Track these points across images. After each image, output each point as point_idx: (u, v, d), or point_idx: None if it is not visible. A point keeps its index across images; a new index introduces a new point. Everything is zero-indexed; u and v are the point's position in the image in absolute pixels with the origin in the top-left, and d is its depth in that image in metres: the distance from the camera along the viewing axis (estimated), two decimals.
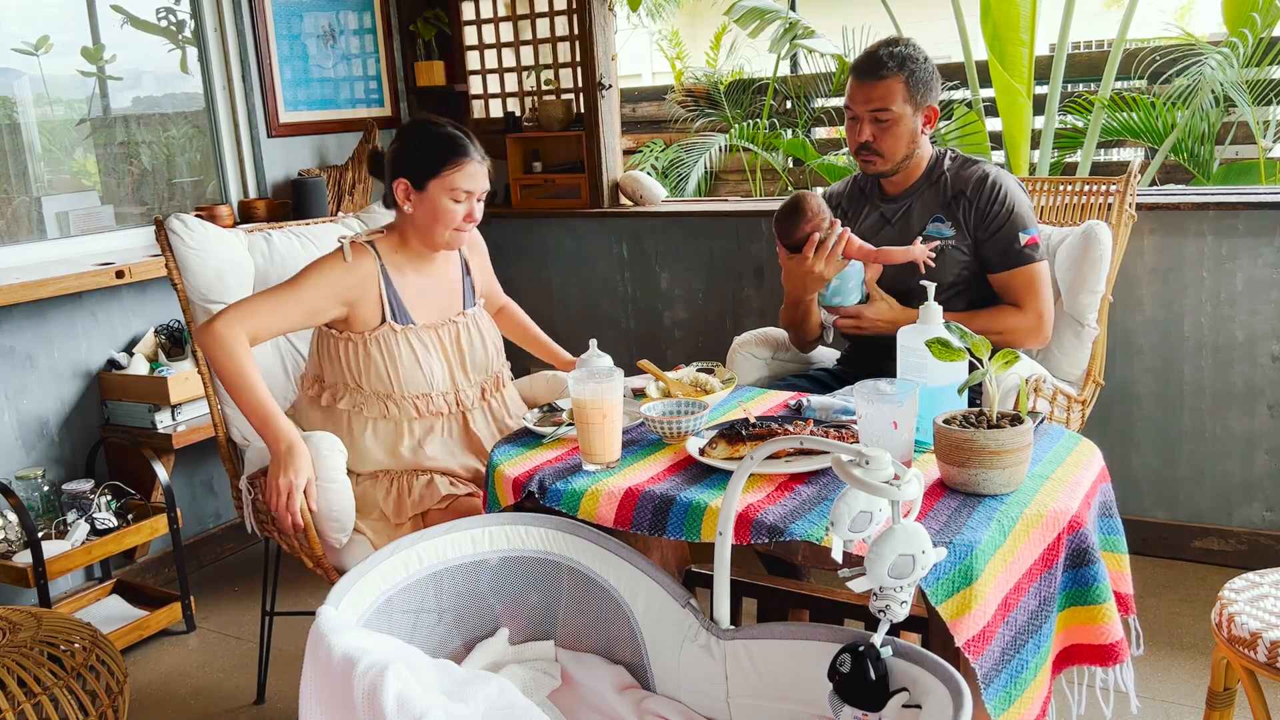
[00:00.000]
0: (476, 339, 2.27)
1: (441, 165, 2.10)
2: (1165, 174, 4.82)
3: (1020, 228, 2.32)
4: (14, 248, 2.95)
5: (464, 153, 2.12)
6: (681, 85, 6.52)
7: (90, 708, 1.89)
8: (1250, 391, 2.80)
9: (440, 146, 2.12)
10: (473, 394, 2.24)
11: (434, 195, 2.11)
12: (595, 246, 3.71)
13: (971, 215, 2.34)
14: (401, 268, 2.19)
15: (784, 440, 1.41)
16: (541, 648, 1.63)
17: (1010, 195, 2.33)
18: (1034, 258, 2.33)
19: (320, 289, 2.09)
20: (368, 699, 1.18)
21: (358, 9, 3.71)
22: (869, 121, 2.33)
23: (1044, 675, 1.48)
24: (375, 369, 2.14)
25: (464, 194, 2.12)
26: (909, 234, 2.39)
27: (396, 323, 2.16)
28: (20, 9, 3.06)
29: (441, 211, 2.12)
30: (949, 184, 2.38)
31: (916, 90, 2.31)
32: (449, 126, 2.17)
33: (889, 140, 2.33)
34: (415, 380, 2.16)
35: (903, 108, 2.31)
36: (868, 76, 2.31)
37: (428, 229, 2.15)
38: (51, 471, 2.86)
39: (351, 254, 2.13)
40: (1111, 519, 1.69)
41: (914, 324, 1.78)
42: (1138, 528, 2.92)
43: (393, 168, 2.15)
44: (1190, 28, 8.00)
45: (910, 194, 2.42)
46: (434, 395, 2.18)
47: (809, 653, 1.44)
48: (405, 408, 2.16)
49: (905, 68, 2.30)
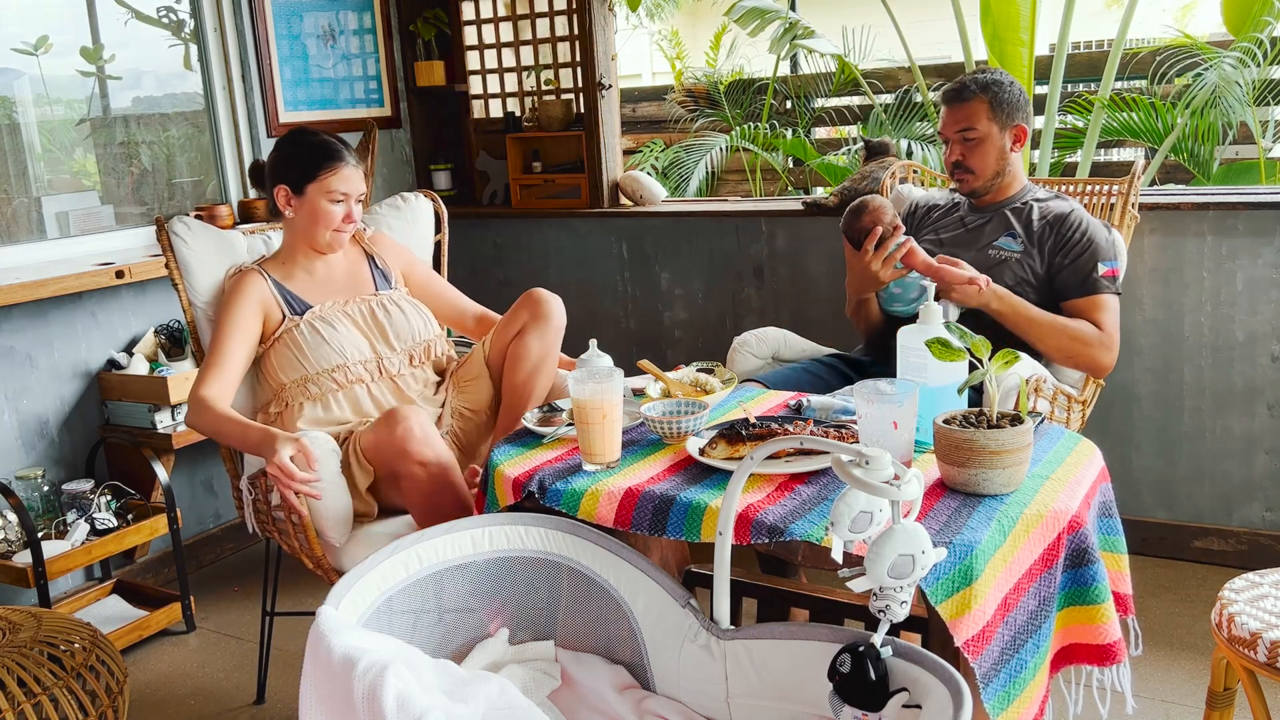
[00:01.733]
0: (396, 313, 2.37)
1: (318, 170, 2.25)
2: (1165, 174, 4.82)
3: (1101, 258, 2.37)
4: (14, 248, 2.95)
5: (338, 157, 2.27)
6: (681, 85, 6.53)
7: (90, 708, 1.89)
8: (1250, 391, 2.80)
9: (315, 153, 2.27)
10: (398, 361, 2.32)
11: (313, 199, 2.26)
12: (595, 246, 3.71)
13: (1050, 240, 2.41)
14: (290, 272, 2.35)
15: (784, 440, 1.41)
16: (541, 648, 1.63)
17: (1093, 230, 2.40)
18: (1109, 288, 2.38)
19: (237, 315, 2.23)
20: (368, 699, 1.18)
21: (358, 9, 3.71)
22: (958, 142, 2.46)
23: (1042, 675, 1.48)
24: (287, 360, 2.26)
25: (341, 195, 2.27)
26: (979, 240, 2.47)
27: (295, 315, 2.29)
28: (20, 9, 3.06)
29: (321, 213, 2.27)
30: (1035, 210, 2.46)
31: (1001, 109, 2.41)
32: (324, 135, 2.32)
33: (977, 157, 2.44)
34: (324, 354, 2.25)
35: (988, 126, 2.42)
36: (955, 101, 2.44)
37: (309, 231, 2.29)
38: (51, 471, 2.86)
39: (238, 277, 2.29)
40: (1111, 519, 1.69)
41: (914, 324, 1.79)
42: (1138, 528, 2.92)
43: (273, 175, 2.30)
44: (1190, 28, 8.01)
45: (995, 209, 2.50)
46: (349, 365, 2.26)
47: (809, 653, 1.44)
48: (324, 383, 2.25)
49: (989, 90, 2.41)
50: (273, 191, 2.29)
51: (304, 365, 2.25)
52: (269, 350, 2.28)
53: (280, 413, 2.27)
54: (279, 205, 2.29)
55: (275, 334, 2.28)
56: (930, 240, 2.56)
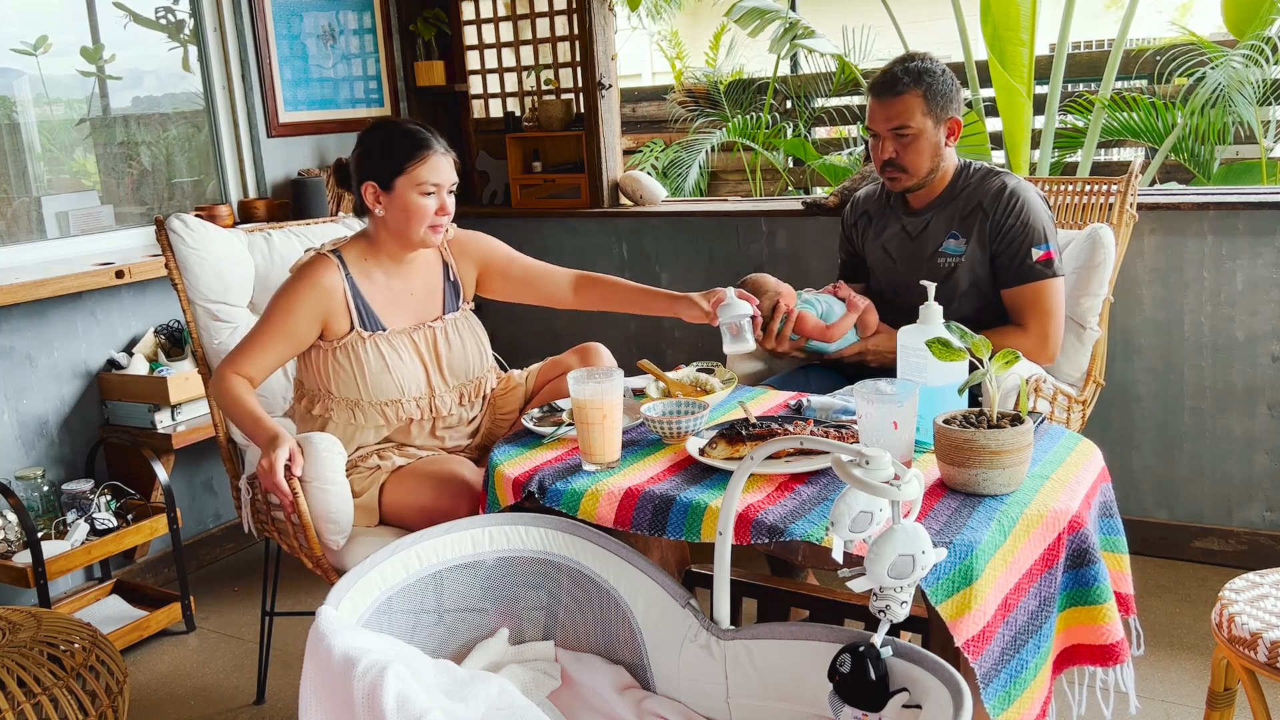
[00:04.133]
0: (456, 343, 2.24)
1: (406, 162, 2.08)
2: (1165, 174, 4.82)
3: (1033, 242, 2.29)
4: (14, 248, 2.95)
5: (426, 145, 2.10)
6: (681, 85, 6.53)
7: (90, 708, 1.89)
8: (1250, 391, 2.80)
9: (402, 144, 2.10)
10: (450, 399, 2.22)
11: (403, 193, 2.09)
12: (595, 246, 3.71)
13: (988, 228, 2.33)
14: (370, 274, 2.17)
15: (784, 440, 1.41)
16: (541, 648, 1.63)
17: (1027, 209, 2.30)
18: (1045, 274, 2.30)
19: (295, 318, 2.09)
20: (368, 699, 1.18)
21: (358, 9, 3.71)
22: (890, 139, 2.32)
23: (1044, 675, 1.48)
24: (343, 376, 2.13)
25: (432, 187, 2.10)
26: (925, 250, 2.40)
27: (365, 329, 2.14)
28: (20, 9, 3.06)
29: (413, 208, 2.10)
30: (968, 197, 2.37)
31: (935, 103, 2.29)
32: (408, 124, 2.15)
33: (912, 155, 2.33)
34: (384, 386, 2.14)
35: (923, 122, 2.30)
36: (885, 94, 2.31)
37: (402, 228, 2.13)
38: (51, 471, 2.86)
39: (315, 266, 2.12)
40: (1112, 519, 1.69)
41: (914, 324, 1.78)
42: (1138, 528, 2.92)
43: (358, 173, 2.14)
44: (1190, 28, 8.00)
45: (931, 208, 2.41)
46: (404, 401, 2.16)
47: (809, 653, 1.44)
48: (372, 415, 2.15)
49: (922, 82, 2.29)
50: (360, 190, 2.13)
51: (360, 389, 2.13)
52: (328, 353, 2.14)
53: (322, 417, 2.17)
54: (368, 204, 2.13)
55: (339, 341, 2.13)
56: (879, 254, 2.51)
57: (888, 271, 2.49)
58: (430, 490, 2.06)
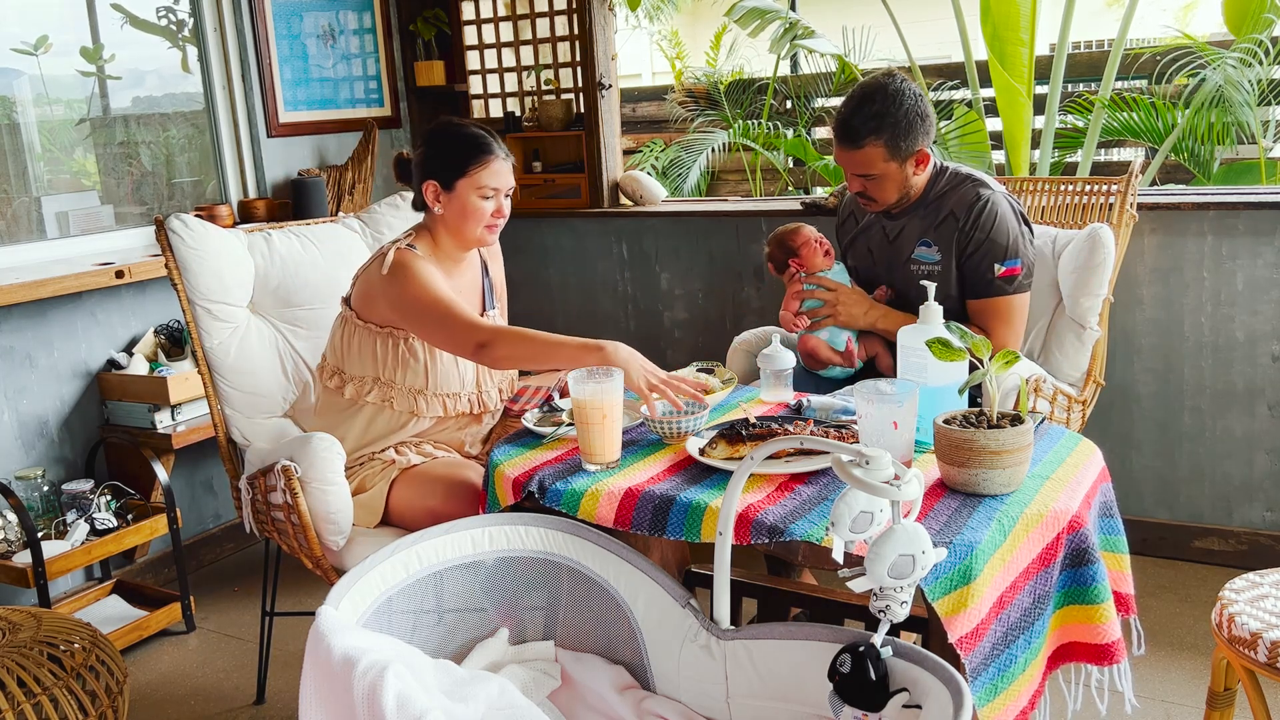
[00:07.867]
0: None
1: (468, 164, 2.16)
2: (1165, 174, 4.82)
3: (997, 258, 2.27)
4: (14, 248, 2.95)
5: (488, 150, 2.18)
6: (681, 85, 6.52)
7: (90, 708, 1.89)
8: (1250, 391, 2.80)
9: (466, 146, 2.17)
10: (494, 396, 2.29)
11: (463, 194, 2.17)
12: (595, 246, 3.71)
13: (956, 235, 2.31)
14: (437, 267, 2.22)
15: (784, 440, 1.41)
16: (541, 648, 1.63)
17: (997, 223, 2.27)
18: (1006, 290, 2.28)
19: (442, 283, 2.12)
20: (368, 699, 1.18)
21: (358, 9, 3.71)
22: (856, 178, 2.31)
23: (1034, 671, 1.48)
24: (414, 365, 2.17)
25: (491, 190, 2.18)
26: (901, 254, 2.40)
27: None
28: (20, 9, 3.06)
29: (471, 209, 2.17)
30: (941, 202, 2.35)
31: (897, 147, 2.23)
32: (472, 127, 2.22)
33: (878, 190, 2.31)
34: (450, 378, 2.20)
35: (885, 167, 2.25)
36: (845, 144, 2.27)
37: (459, 227, 2.20)
38: (51, 471, 2.86)
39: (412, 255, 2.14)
40: (1112, 519, 1.69)
41: (914, 324, 1.78)
42: (1138, 528, 2.92)
43: (421, 171, 2.20)
44: (1190, 28, 8.01)
45: (906, 214, 2.40)
46: (462, 395, 2.22)
47: (809, 653, 1.44)
48: (433, 405, 2.19)
49: (883, 129, 2.21)
50: (420, 187, 2.20)
51: (428, 379, 2.16)
52: (399, 340, 2.15)
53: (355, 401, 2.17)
54: (427, 201, 2.19)
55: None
56: (862, 251, 2.51)
57: (869, 269, 2.51)
58: (441, 493, 2.07)
